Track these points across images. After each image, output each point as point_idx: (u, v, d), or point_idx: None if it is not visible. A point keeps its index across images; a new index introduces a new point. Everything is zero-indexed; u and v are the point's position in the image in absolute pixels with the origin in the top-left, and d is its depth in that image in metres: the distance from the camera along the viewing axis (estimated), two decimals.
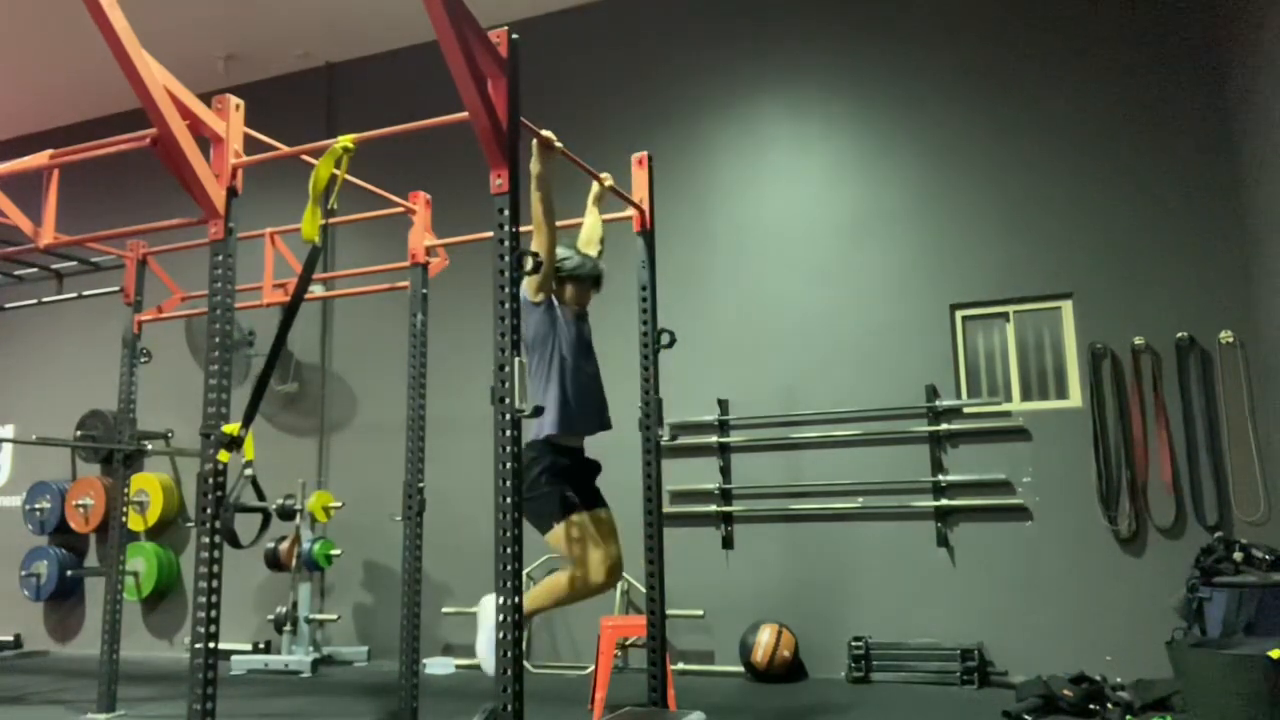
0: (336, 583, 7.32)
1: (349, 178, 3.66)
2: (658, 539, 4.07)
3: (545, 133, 3.45)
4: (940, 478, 5.87)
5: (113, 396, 5.83)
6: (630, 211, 4.40)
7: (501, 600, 2.74)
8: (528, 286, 3.44)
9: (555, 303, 3.61)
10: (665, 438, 4.17)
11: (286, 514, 6.65)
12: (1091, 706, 4.53)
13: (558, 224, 3.47)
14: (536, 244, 3.31)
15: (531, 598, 3.53)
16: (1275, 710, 3.69)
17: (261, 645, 7.31)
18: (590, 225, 4.01)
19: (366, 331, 7.59)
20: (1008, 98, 6.12)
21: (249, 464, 3.53)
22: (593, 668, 5.28)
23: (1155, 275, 5.67)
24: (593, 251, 3.90)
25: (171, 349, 7.76)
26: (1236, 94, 5.52)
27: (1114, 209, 5.80)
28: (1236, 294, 5.48)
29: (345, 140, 3.48)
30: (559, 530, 3.47)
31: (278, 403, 7.74)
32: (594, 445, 3.72)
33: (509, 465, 2.78)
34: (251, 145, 3.91)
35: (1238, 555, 4.66)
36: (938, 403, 5.95)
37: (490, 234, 2.94)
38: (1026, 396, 5.96)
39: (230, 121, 3.74)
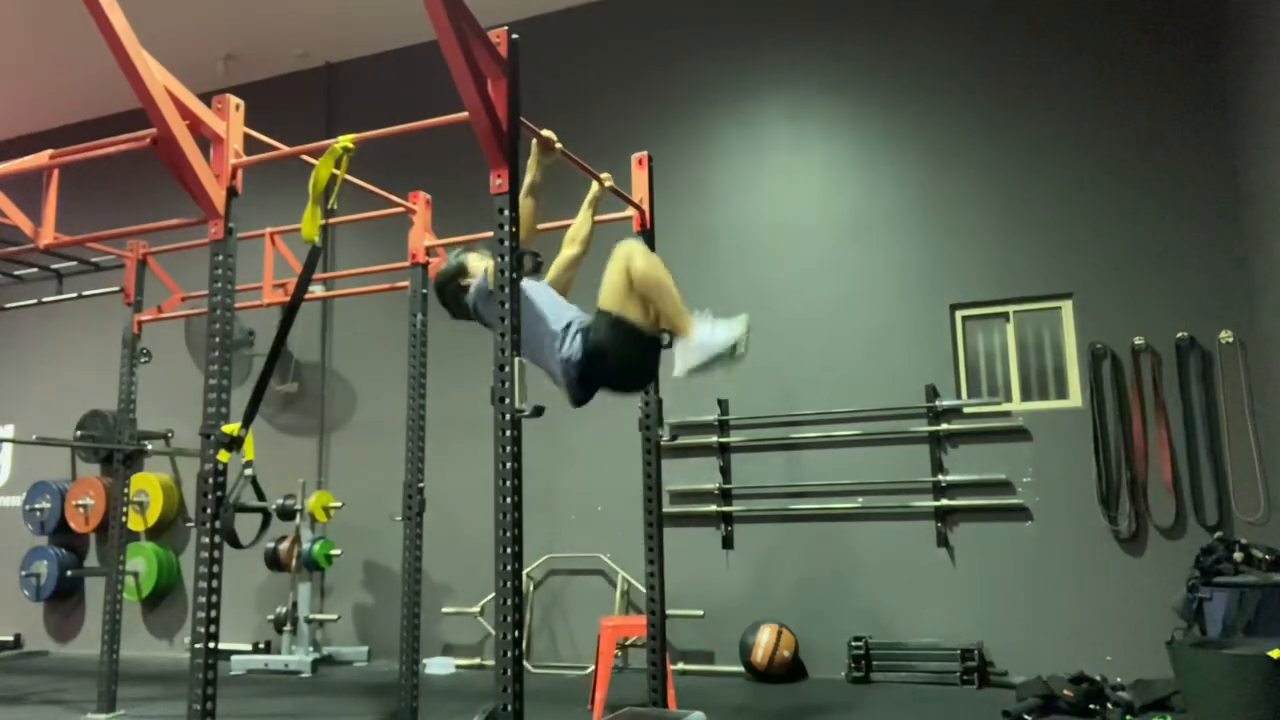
0: (336, 583, 7.32)
1: (349, 178, 3.66)
2: (658, 539, 4.06)
3: (546, 132, 3.45)
4: (940, 478, 5.87)
5: (113, 396, 5.83)
6: (630, 211, 4.39)
7: (501, 600, 2.74)
8: (490, 276, 3.21)
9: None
10: (665, 438, 4.16)
11: (286, 514, 6.65)
12: (1091, 706, 4.53)
13: (556, 225, 3.46)
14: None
15: (665, 309, 3.12)
16: (1275, 710, 3.69)
17: (261, 645, 7.31)
18: (576, 224, 3.93)
19: (366, 331, 7.59)
20: (1007, 98, 6.12)
21: (249, 464, 3.52)
22: (593, 668, 5.28)
23: (1155, 275, 5.67)
24: (571, 250, 3.77)
25: (171, 349, 7.76)
26: (1236, 94, 5.52)
27: (1114, 209, 5.80)
28: (1236, 294, 5.48)
29: (345, 140, 3.48)
30: (614, 302, 3.14)
31: (278, 403, 7.74)
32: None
33: (509, 465, 2.78)
34: (251, 145, 3.91)
35: (1238, 555, 4.65)
36: (938, 403, 5.95)
37: (490, 234, 2.94)
38: (1026, 396, 5.96)
39: (230, 121, 3.74)
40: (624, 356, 3.18)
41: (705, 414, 6.41)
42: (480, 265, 3.40)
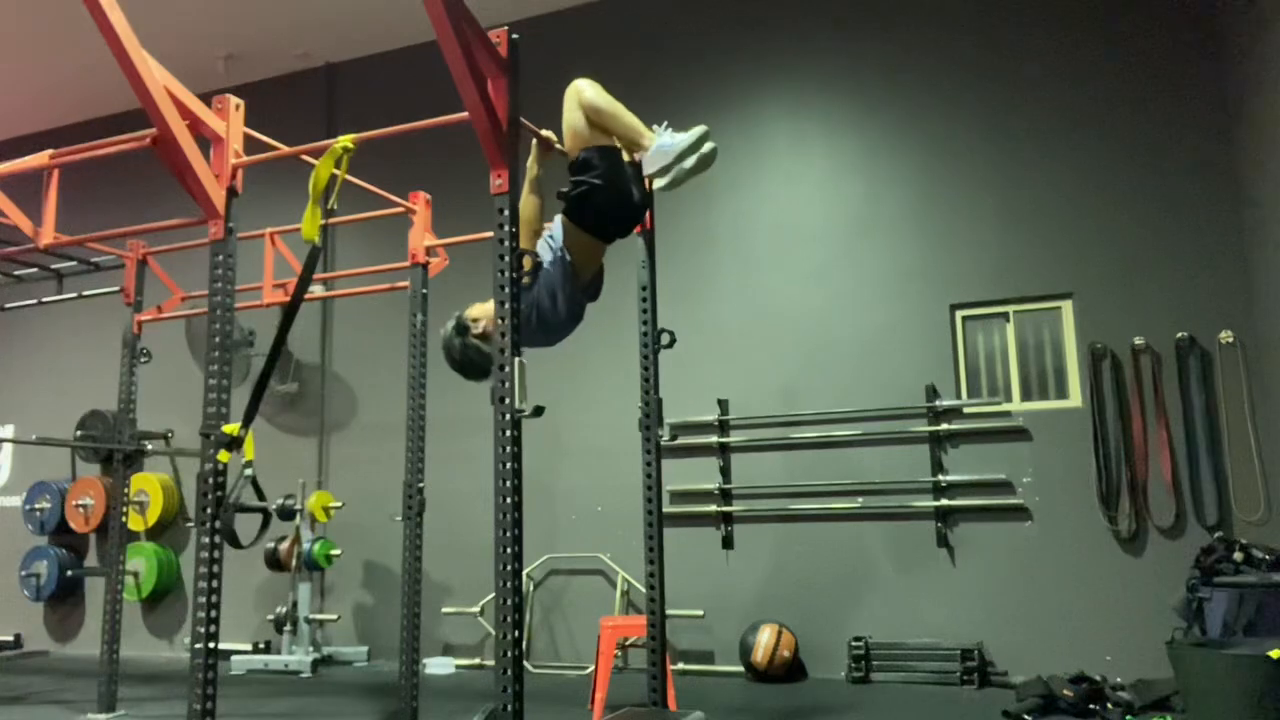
0: (336, 583, 7.32)
1: (349, 178, 3.66)
2: (658, 539, 4.06)
3: (545, 133, 3.45)
4: (940, 478, 5.87)
5: (113, 396, 5.83)
6: None
7: (501, 600, 2.74)
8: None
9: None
10: (665, 438, 4.15)
11: (286, 514, 6.65)
12: (1091, 706, 4.53)
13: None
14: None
15: (621, 128, 3.25)
16: (1276, 710, 3.69)
17: (261, 645, 7.31)
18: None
19: (366, 331, 7.59)
20: (1008, 98, 6.12)
21: (249, 464, 3.52)
22: (593, 668, 5.28)
23: (1155, 275, 5.67)
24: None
25: (172, 349, 7.77)
26: (1237, 93, 5.52)
27: (1114, 209, 5.80)
28: (1236, 294, 5.48)
29: (345, 140, 3.48)
30: (571, 138, 3.27)
31: (278, 403, 7.74)
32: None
33: (509, 465, 2.78)
34: (251, 145, 3.91)
35: (1238, 555, 4.65)
36: (938, 403, 5.95)
37: (490, 234, 2.94)
38: (1026, 396, 5.96)
39: (230, 121, 3.74)
40: (611, 184, 3.24)
41: (705, 414, 6.41)
42: (481, 311, 3.30)
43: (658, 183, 3.26)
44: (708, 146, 3.23)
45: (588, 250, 3.34)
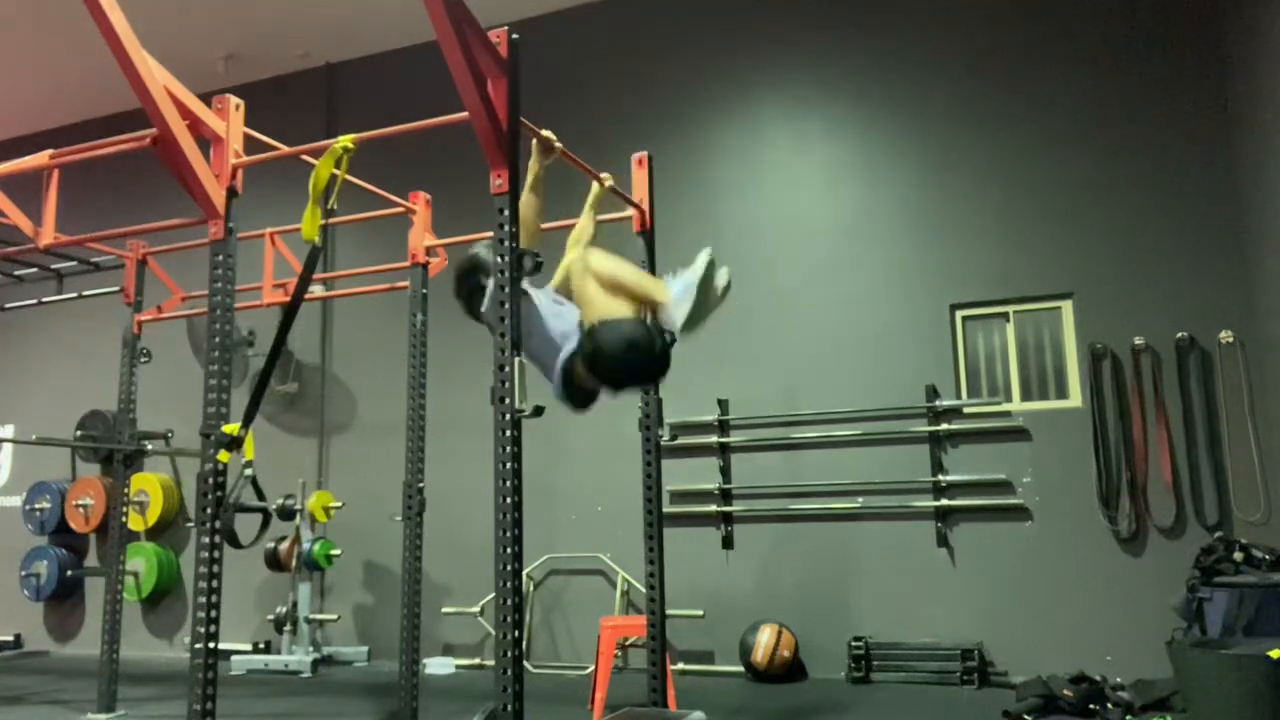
0: (336, 583, 7.32)
1: (349, 178, 3.66)
2: (658, 539, 4.06)
3: (545, 132, 3.45)
4: (940, 478, 5.87)
5: (113, 396, 5.83)
6: (630, 211, 4.39)
7: (501, 600, 2.74)
8: (494, 282, 3.10)
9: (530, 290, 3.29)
10: (665, 438, 4.16)
11: (286, 514, 6.65)
12: (1091, 706, 4.53)
13: (559, 224, 3.44)
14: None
15: None
16: (1275, 710, 3.69)
17: (261, 645, 7.31)
18: (579, 226, 3.90)
19: (366, 331, 7.59)
20: (1008, 98, 6.12)
21: (249, 464, 3.52)
22: (593, 668, 5.28)
23: (1155, 275, 5.67)
24: (572, 251, 3.76)
25: (172, 349, 7.76)
26: (1237, 93, 5.52)
27: (1114, 209, 5.80)
28: (1236, 294, 5.48)
29: (345, 140, 3.48)
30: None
31: (278, 403, 7.74)
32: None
33: (509, 465, 2.78)
34: (251, 145, 3.91)
35: (1238, 555, 4.65)
36: (938, 403, 5.95)
37: (490, 234, 2.93)
38: (1026, 396, 5.96)
39: (230, 121, 3.74)
40: (623, 358, 3.02)
41: (705, 414, 6.41)
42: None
43: (680, 329, 3.08)
44: (721, 278, 3.11)
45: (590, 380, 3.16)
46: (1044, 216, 5.94)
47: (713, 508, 6.34)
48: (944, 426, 5.93)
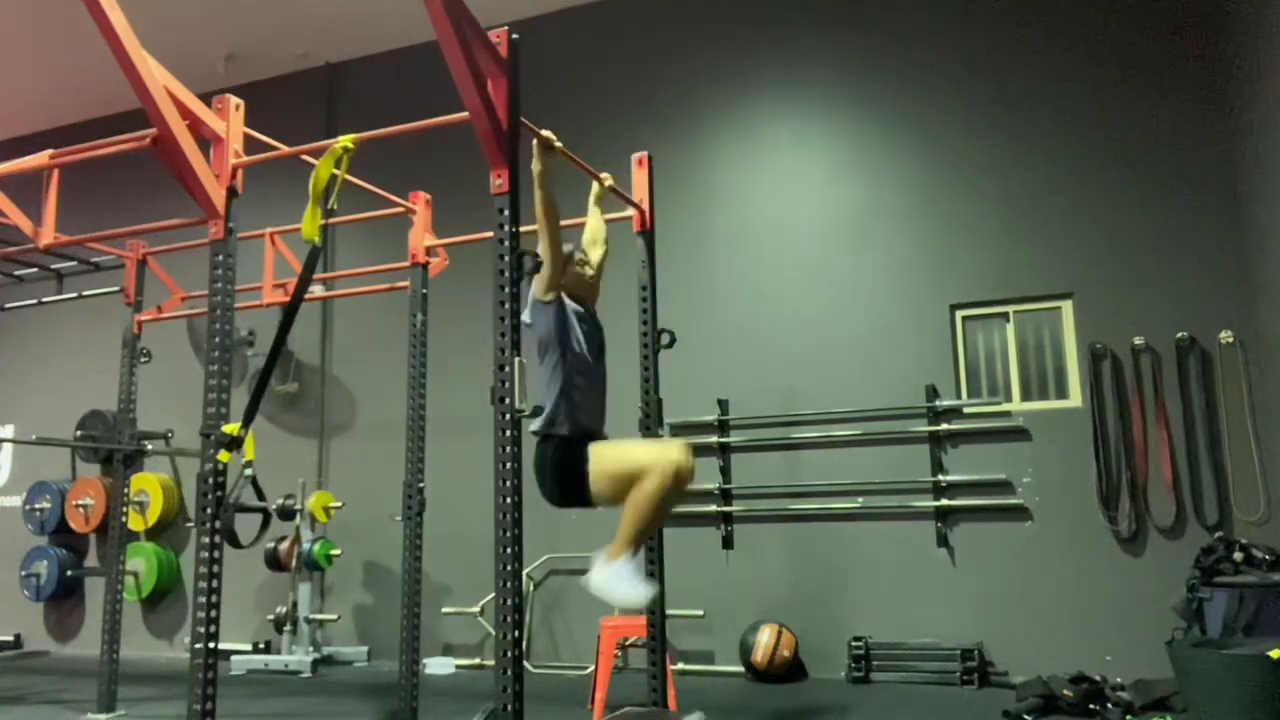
0: (336, 583, 7.32)
1: (349, 178, 3.66)
2: (658, 539, 4.07)
3: (545, 132, 3.45)
4: (940, 478, 5.87)
5: (113, 396, 5.83)
6: (630, 211, 4.40)
7: (501, 600, 2.74)
8: (537, 286, 3.34)
9: (566, 302, 3.48)
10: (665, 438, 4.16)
11: (286, 514, 6.65)
12: (1091, 706, 4.53)
13: (559, 224, 3.44)
14: (540, 243, 3.28)
15: (625, 526, 3.32)
16: (1275, 710, 3.69)
17: (261, 645, 7.31)
18: (593, 225, 3.99)
19: (366, 331, 7.59)
20: (1008, 97, 6.12)
21: (249, 464, 3.53)
22: (593, 668, 5.28)
23: (1155, 275, 5.67)
24: (597, 252, 3.84)
25: (171, 349, 7.76)
26: (1237, 93, 5.52)
27: (1114, 209, 5.80)
28: (1236, 294, 5.48)
29: (345, 140, 3.48)
30: (596, 469, 3.31)
31: (278, 403, 7.74)
32: None
33: (509, 465, 2.78)
34: (251, 145, 3.91)
35: (1238, 555, 4.65)
36: (938, 403, 5.95)
37: (490, 234, 2.94)
38: (1026, 396, 5.96)
39: (230, 121, 3.74)
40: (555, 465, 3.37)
41: (705, 414, 6.41)
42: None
43: (590, 577, 3.46)
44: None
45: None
46: (1044, 216, 5.94)
47: (712, 507, 6.34)
48: (944, 426, 5.93)
